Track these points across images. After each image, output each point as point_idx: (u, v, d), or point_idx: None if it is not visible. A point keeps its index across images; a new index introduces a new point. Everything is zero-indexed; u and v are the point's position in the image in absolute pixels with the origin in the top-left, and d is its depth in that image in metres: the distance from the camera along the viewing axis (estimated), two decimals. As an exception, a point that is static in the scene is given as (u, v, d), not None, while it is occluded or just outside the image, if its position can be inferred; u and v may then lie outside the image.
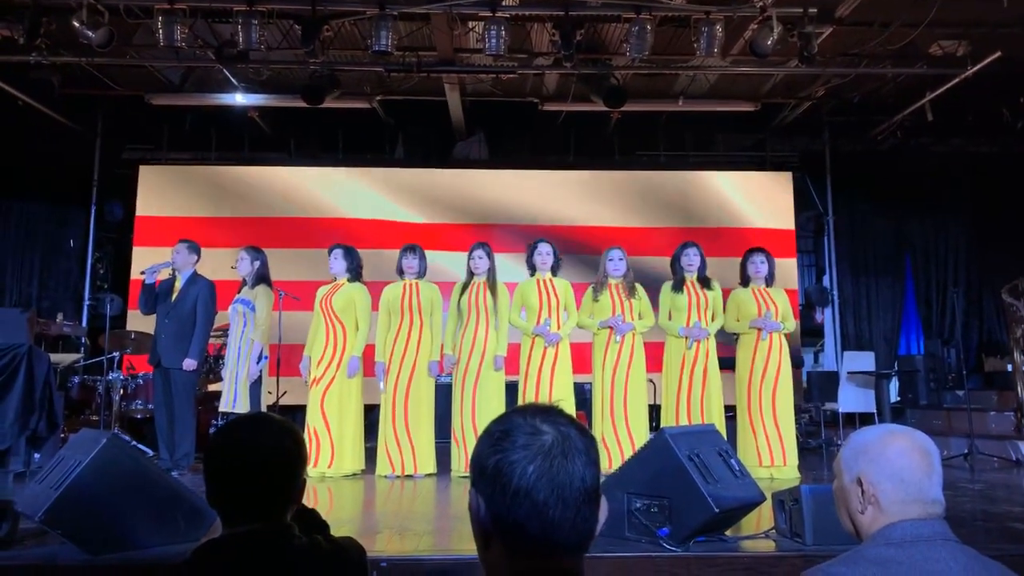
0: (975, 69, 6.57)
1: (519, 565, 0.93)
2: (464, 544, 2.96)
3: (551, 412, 0.98)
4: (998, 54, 6.35)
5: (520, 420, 0.96)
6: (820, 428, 7.11)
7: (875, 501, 1.24)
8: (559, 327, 5.21)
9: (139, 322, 6.69)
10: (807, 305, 8.73)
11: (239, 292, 5.45)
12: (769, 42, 5.85)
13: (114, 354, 6.25)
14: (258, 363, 5.22)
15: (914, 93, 7.35)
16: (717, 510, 2.75)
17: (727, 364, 5.41)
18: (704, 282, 5.34)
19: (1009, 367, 6.80)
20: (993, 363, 8.22)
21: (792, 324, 5.39)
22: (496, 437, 0.95)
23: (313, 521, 1.50)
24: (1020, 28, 6.25)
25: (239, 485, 1.32)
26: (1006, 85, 7.29)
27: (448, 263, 7.16)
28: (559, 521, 0.91)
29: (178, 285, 5.35)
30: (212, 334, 5.71)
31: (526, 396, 5.13)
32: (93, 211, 8.31)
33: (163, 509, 2.83)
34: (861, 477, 1.26)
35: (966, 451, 5.63)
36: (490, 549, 0.95)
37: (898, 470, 1.23)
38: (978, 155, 8.65)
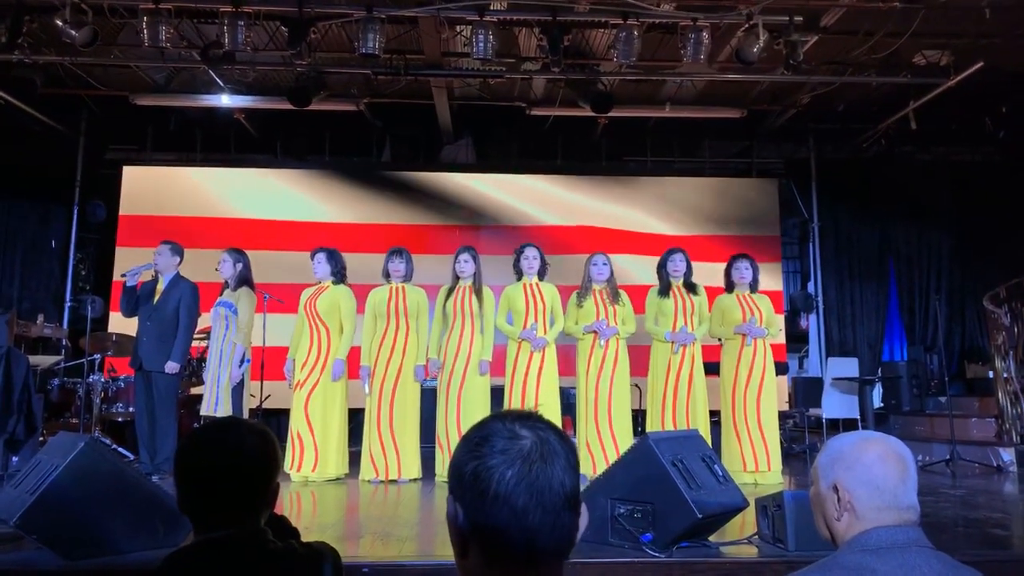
0: (958, 79, 6.65)
1: (498, 572, 0.92)
2: (447, 550, 2.92)
3: (530, 417, 0.96)
4: (980, 64, 6.43)
5: (499, 425, 0.95)
6: (804, 433, 7.14)
7: (851, 508, 1.24)
8: (545, 332, 5.21)
9: (121, 324, 6.62)
10: (792, 311, 8.78)
11: (221, 294, 5.41)
12: (755, 49, 5.89)
13: (95, 356, 6.19)
14: (240, 366, 5.17)
15: (898, 102, 7.43)
16: (700, 516, 2.75)
17: (712, 369, 5.43)
18: (690, 287, 5.36)
19: (990, 374, 6.86)
20: (975, 370, 8.29)
21: (776, 330, 5.41)
22: (474, 443, 0.94)
23: (283, 527, 1.48)
24: (1002, 39, 6.33)
25: (211, 489, 1.30)
26: (988, 95, 7.39)
27: (434, 267, 7.14)
28: (538, 527, 0.90)
29: (160, 287, 5.30)
30: (195, 336, 5.66)
31: (511, 401, 5.12)
32: (76, 211, 8.23)
33: (141, 514, 2.79)
34: (837, 484, 1.26)
35: (948, 457, 5.66)
36: (468, 557, 0.94)
37: (873, 477, 1.24)
38: (961, 163, 8.76)
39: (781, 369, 7.41)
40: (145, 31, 5.67)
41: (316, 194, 8.32)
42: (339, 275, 5.37)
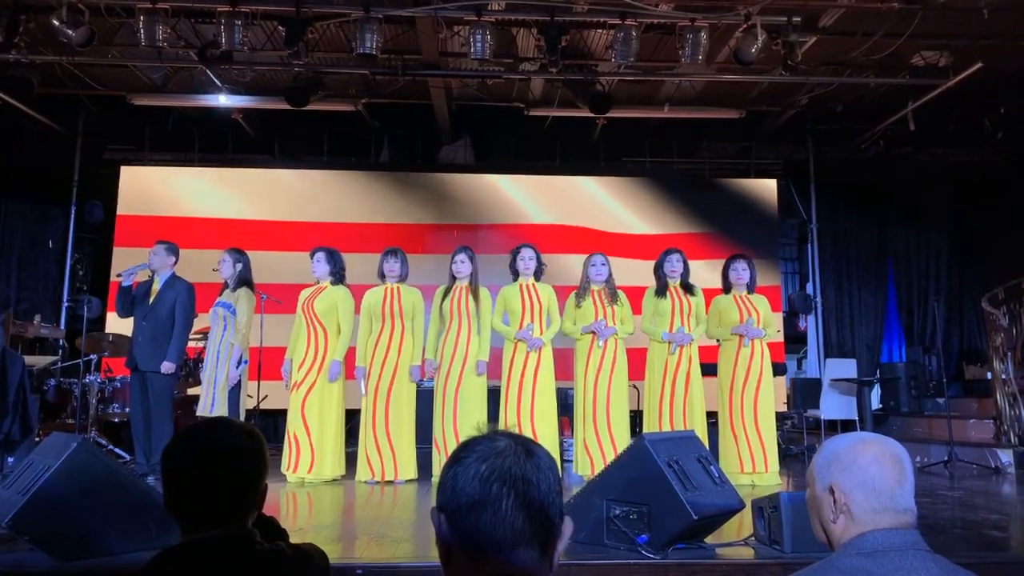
0: (957, 79, 6.64)
1: (481, 571, 0.92)
2: (441, 551, 2.92)
3: (513, 432, 1.01)
4: (979, 65, 6.42)
5: (479, 437, 1.00)
6: (803, 435, 7.13)
7: (847, 510, 1.22)
8: (542, 332, 5.19)
9: (118, 324, 6.61)
10: (791, 312, 8.77)
11: (220, 294, 5.38)
12: (753, 50, 5.89)
13: (91, 357, 6.17)
14: (237, 367, 5.15)
15: (897, 103, 7.42)
16: (696, 517, 2.73)
17: (709, 370, 5.41)
18: (687, 288, 5.34)
19: (989, 375, 6.85)
20: (973, 371, 8.29)
21: (774, 331, 5.39)
22: (456, 454, 0.99)
23: (271, 528, 1.47)
24: (1001, 40, 6.32)
25: (198, 490, 1.28)
26: (987, 95, 7.38)
27: (431, 267, 7.12)
28: (513, 515, 0.92)
29: (156, 287, 5.28)
30: (192, 337, 5.64)
31: (508, 401, 5.11)
32: (73, 212, 8.21)
33: (134, 515, 2.78)
34: (833, 486, 1.25)
35: (946, 458, 5.65)
36: (452, 563, 0.95)
37: (870, 478, 1.22)
38: (959, 164, 8.75)
39: (779, 370, 7.40)
40: (142, 31, 5.66)
41: (314, 194, 8.30)
42: (338, 275, 5.34)
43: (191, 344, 5.83)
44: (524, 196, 8.46)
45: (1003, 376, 6.31)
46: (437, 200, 8.37)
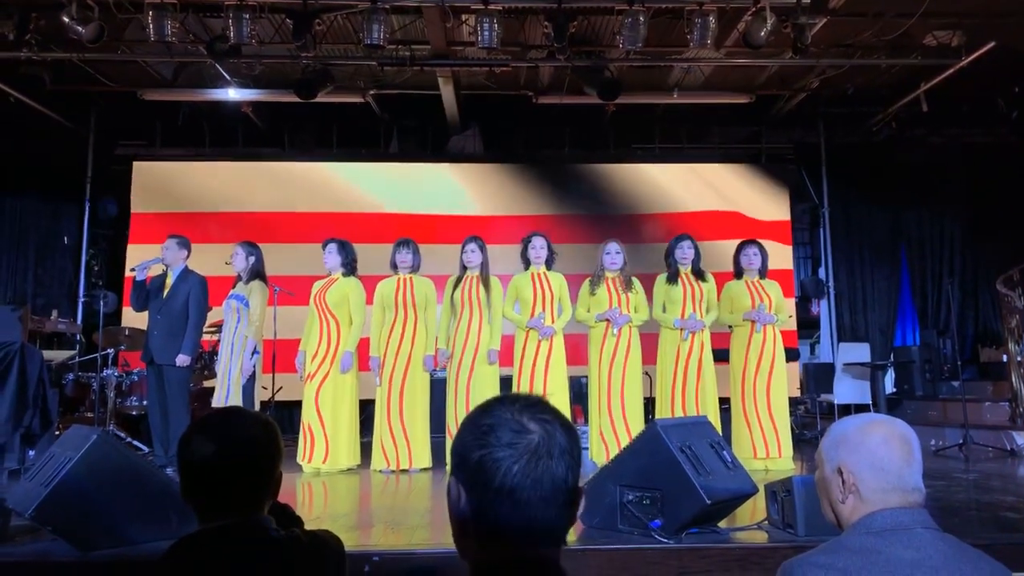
0: (969, 59, 6.56)
1: (496, 555, 0.94)
2: (456, 538, 2.94)
3: (537, 407, 0.98)
4: (992, 44, 6.33)
5: (506, 415, 0.96)
6: (816, 419, 7.12)
7: (855, 490, 1.24)
8: (553, 320, 5.21)
9: (134, 319, 6.67)
10: (803, 297, 8.72)
11: (234, 287, 5.43)
12: (763, 33, 5.83)
13: (108, 351, 6.24)
14: (251, 359, 5.20)
15: (909, 84, 7.34)
16: (709, 502, 2.75)
17: (722, 356, 5.41)
18: (698, 274, 5.33)
19: (1004, 357, 6.80)
20: (988, 353, 8.22)
21: (786, 316, 5.38)
22: (481, 431, 0.95)
23: (286, 515, 1.50)
24: (1014, 18, 6.23)
25: (213, 479, 1.31)
26: (1000, 75, 7.28)
27: (442, 257, 7.14)
28: (540, 518, 0.93)
29: (169, 281, 5.33)
30: (207, 329, 5.69)
31: (520, 390, 5.12)
32: (87, 208, 8.28)
33: (154, 505, 2.82)
34: (841, 466, 1.26)
35: (961, 441, 5.63)
36: (467, 538, 0.96)
37: (878, 459, 1.23)
38: (973, 145, 8.65)
39: (792, 355, 7.38)
40: (151, 26, 5.68)
41: (324, 186, 8.32)
42: (349, 267, 5.38)
43: (206, 337, 5.88)
44: (534, 184, 8.44)
45: (1018, 358, 6.26)
46: (447, 190, 8.36)
